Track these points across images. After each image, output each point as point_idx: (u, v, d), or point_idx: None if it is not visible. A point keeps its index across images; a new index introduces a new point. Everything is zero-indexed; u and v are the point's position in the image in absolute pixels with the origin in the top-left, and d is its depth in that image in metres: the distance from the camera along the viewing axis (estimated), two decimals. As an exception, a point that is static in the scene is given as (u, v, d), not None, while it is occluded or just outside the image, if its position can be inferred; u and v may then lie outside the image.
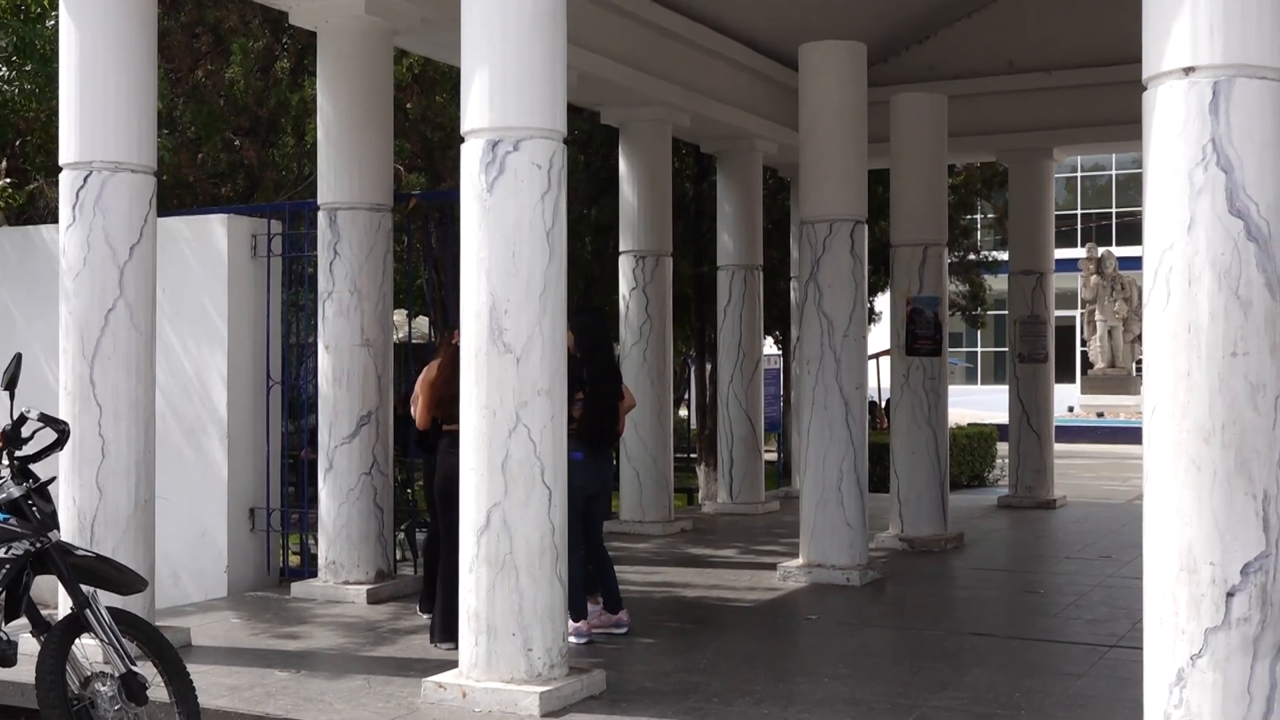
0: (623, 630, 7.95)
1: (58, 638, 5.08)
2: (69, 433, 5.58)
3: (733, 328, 14.46)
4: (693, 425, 19.33)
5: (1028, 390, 14.95)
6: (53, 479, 5.58)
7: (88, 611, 5.10)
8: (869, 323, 13.95)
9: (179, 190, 14.26)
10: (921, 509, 11.65)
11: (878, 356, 22.48)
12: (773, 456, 18.13)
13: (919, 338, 11.71)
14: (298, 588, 9.34)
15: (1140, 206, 5.13)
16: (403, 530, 10.48)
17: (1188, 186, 4.76)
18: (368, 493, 9.23)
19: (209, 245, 9.85)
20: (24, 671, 5.46)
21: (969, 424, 20.89)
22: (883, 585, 9.84)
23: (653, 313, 12.89)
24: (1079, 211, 52.70)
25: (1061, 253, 19.20)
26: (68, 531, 6.93)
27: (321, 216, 9.40)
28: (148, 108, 7.49)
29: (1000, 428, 18.87)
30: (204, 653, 7.45)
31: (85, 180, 7.26)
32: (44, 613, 5.35)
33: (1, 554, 5.12)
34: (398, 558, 10.04)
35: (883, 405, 22.69)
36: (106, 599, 5.25)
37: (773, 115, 14.09)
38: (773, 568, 10.11)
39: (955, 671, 7.08)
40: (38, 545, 5.17)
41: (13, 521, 5.17)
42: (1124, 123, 9.86)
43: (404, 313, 12.23)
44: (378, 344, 9.33)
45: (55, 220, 8.56)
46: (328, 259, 9.31)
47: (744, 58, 13.43)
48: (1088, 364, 34.61)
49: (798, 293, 13.92)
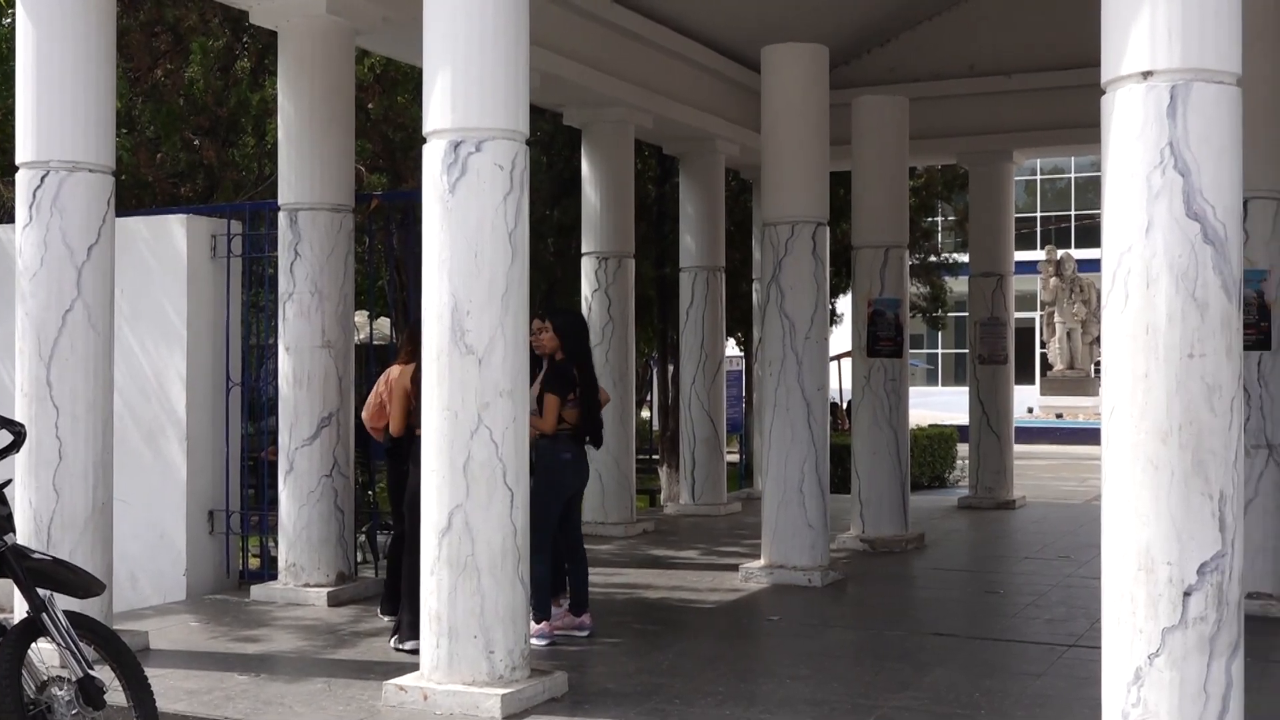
0: (585, 633, 7.94)
1: (13, 642, 5.02)
2: (25, 435, 5.53)
3: (695, 329, 14.48)
4: (655, 427, 19.33)
5: (988, 391, 15.04)
6: (9, 481, 5.53)
7: (44, 615, 5.05)
8: (831, 324, 13.98)
9: (138, 190, 14.14)
10: (883, 510, 11.70)
11: (839, 358, 22.55)
12: (735, 458, 18.17)
13: (880, 339, 11.76)
14: (257, 590, 9.28)
15: (1099, 209, 5.18)
16: (364, 532, 10.43)
17: (1146, 190, 4.79)
18: (328, 495, 9.19)
19: (168, 246, 9.78)
20: (-21, 676, 5.39)
21: (930, 425, 20.97)
22: (844, 586, 9.87)
23: (615, 314, 12.89)
24: (1038, 214, 53.05)
25: (1021, 255, 19.30)
26: (24, 534, 6.85)
27: (282, 217, 9.34)
28: (106, 107, 7.42)
29: (960, 429, 18.96)
30: (162, 656, 7.39)
31: (42, 180, 7.19)
32: (-1, 616, 5.30)
33: (-44, 557, 5.06)
34: (358, 560, 9.99)
35: (844, 406, 22.75)
36: (63, 602, 5.19)
37: (735, 117, 14.12)
38: (735, 569, 10.13)
39: (916, 671, 7.12)
40: (-7, 548, 5.11)
41: (-33, 525, 5.11)
42: (1083, 126, 9.94)
43: (365, 314, 12.17)
44: (339, 345, 9.29)
45: (12, 220, 8.48)
46: (288, 260, 9.26)
47: (706, 59, 13.45)
48: (1047, 365, 34.82)
49: (760, 294, 13.97)
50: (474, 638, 6.22)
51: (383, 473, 9.98)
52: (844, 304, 19.04)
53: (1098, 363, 30.24)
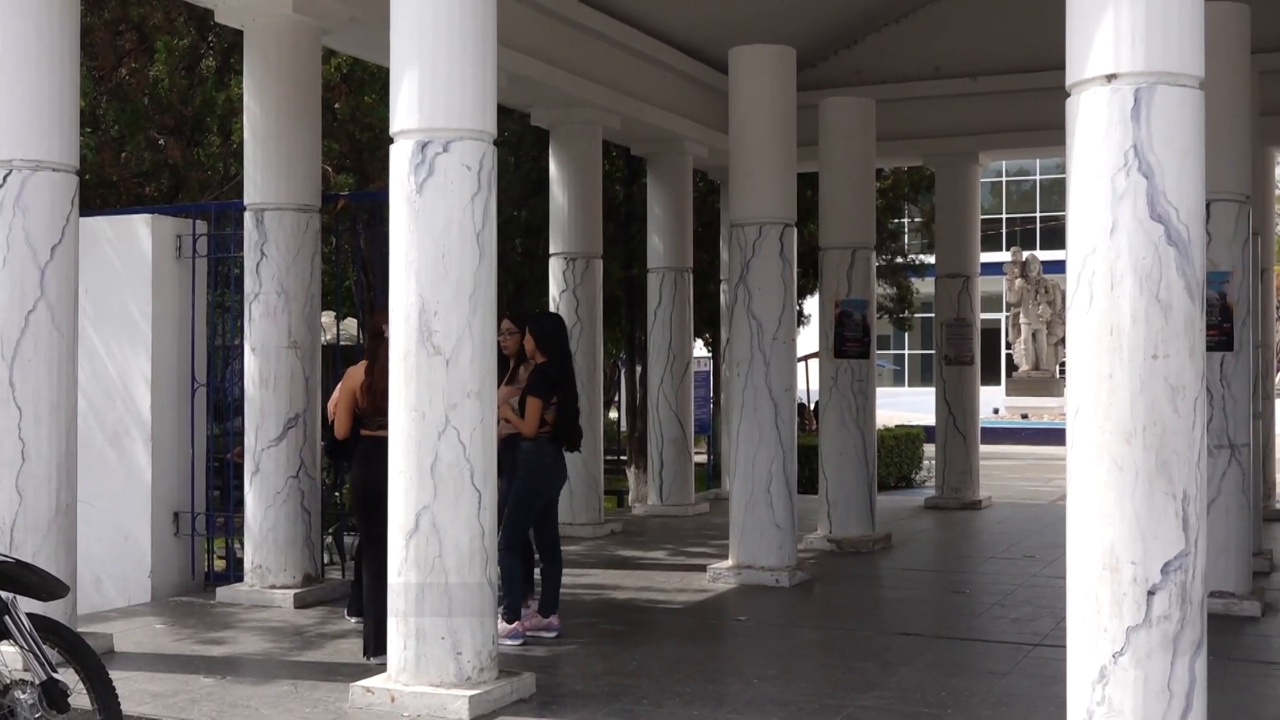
0: (553, 635, 7.94)
1: (-24, 645, 4.98)
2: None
3: (663, 330, 14.49)
4: (623, 427, 19.33)
5: (954, 392, 15.12)
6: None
7: (7, 618, 5.00)
8: (798, 325, 14.03)
9: (102, 189, 14.04)
10: (850, 510, 11.74)
11: (806, 359, 22.61)
12: (702, 458, 18.18)
13: (847, 340, 11.81)
14: (223, 592, 9.23)
15: (1064, 211, 5.21)
16: (330, 534, 10.39)
17: (1110, 192, 4.83)
18: (295, 496, 9.15)
19: (133, 245, 9.72)
20: (-59, 680, 5.34)
21: (896, 426, 21.06)
22: (811, 586, 9.90)
23: (583, 315, 12.89)
24: (1004, 216, 53.35)
25: (987, 256, 19.38)
26: (-14, 536, 6.80)
27: (248, 217, 9.30)
28: (70, 105, 7.35)
29: (927, 429, 19.05)
30: (127, 659, 7.34)
31: (5, 179, 7.13)
32: (-38, 619, 5.24)
33: (-82, 560, 5.01)
34: (325, 562, 9.95)
35: (811, 407, 22.82)
36: (27, 605, 5.14)
37: (703, 118, 14.15)
38: (702, 569, 10.14)
39: (883, 671, 7.14)
40: (-45, 551, 5.07)
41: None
42: (1048, 128, 9.99)
43: (332, 314, 12.12)
44: (305, 346, 9.25)
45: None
46: (254, 260, 9.21)
47: (674, 60, 13.48)
48: (1012, 366, 35.01)
49: (727, 295, 13.98)
50: (441, 639, 6.21)
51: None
52: (811, 305, 19.10)
53: (1063, 363, 30.42)
